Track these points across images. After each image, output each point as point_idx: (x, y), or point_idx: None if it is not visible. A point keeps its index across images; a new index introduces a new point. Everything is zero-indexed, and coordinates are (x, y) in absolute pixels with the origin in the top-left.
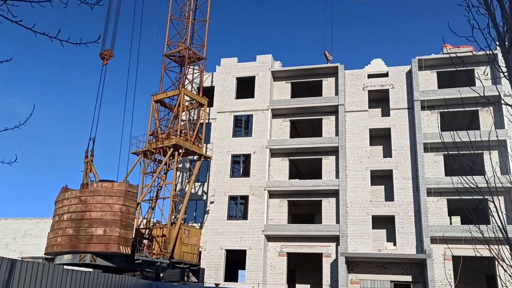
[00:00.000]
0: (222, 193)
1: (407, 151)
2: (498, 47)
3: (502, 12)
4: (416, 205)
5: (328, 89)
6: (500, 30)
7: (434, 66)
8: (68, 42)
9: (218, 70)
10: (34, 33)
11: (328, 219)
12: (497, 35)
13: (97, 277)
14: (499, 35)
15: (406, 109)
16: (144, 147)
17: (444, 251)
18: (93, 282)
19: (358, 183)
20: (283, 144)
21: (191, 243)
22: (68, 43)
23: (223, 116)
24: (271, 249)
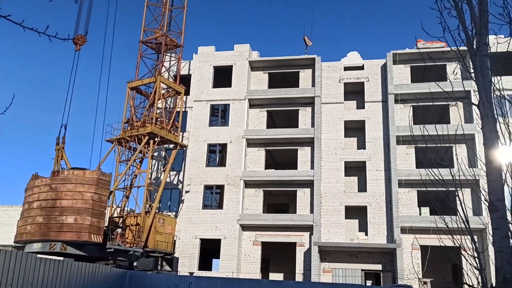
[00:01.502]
0: (198, 182)
1: (380, 143)
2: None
3: (471, 15)
4: (388, 196)
5: (305, 81)
6: (468, 33)
7: (408, 61)
8: (56, 37)
9: (195, 58)
10: (23, 28)
11: (303, 209)
12: (465, 38)
13: (71, 266)
14: (467, 38)
15: (380, 102)
16: (118, 135)
17: (413, 241)
18: (66, 271)
19: (332, 174)
20: (259, 134)
21: (165, 232)
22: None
23: (199, 105)
24: (245, 238)
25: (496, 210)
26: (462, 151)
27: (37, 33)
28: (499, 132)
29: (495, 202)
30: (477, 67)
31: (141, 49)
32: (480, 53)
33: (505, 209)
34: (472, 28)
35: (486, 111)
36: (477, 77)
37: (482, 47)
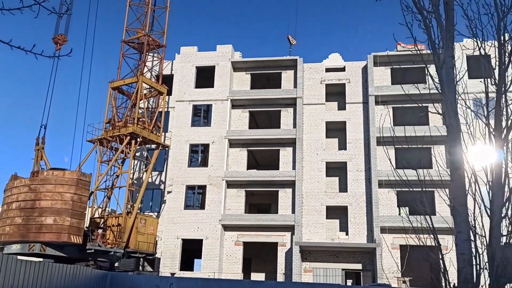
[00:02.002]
0: (180, 182)
1: (361, 144)
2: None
3: (439, 29)
4: (368, 196)
5: (287, 82)
6: (435, 47)
7: (388, 63)
8: (42, 55)
9: (177, 59)
10: (10, 47)
11: (284, 209)
12: (432, 51)
13: (51, 268)
14: (434, 51)
15: (361, 103)
16: (100, 135)
17: (393, 240)
18: (47, 273)
19: (313, 174)
20: (242, 135)
21: (147, 233)
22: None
23: (182, 105)
24: (227, 239)
25: (459, 214)
26: (441, 152)
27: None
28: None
29: (458, 207)
30: (442, 80)
31: (123, 49)
32: (446, 66)
33: (467, 213)
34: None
35: (451, 121)
36: (442, 88)
37: (448, 60)
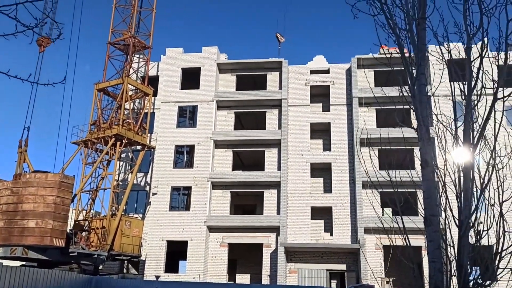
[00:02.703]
0: (165, 183)
1: (345, 145)
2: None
3: (412, 47)
4: (352, 197)
5: (272, 83)
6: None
7: (372, 65)
8: (37, 83)
9: (163, 60)
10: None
11: (269, 210)
12: (405, 68)
13: (37, 273)
14: (407, 69)
15: (345, 105)
16: (85, 137)
17: (376, 240)
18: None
19: (298, 175)
20: (227, 136)
21: (132, 235)
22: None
23: (167, 106)
24: (212, 240)
25: (431, 224)
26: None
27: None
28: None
29: (430, 217)
30: (415, 96)
31: (109, 50)
32: (419, 82)
33: (438, 223)
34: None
35: (423, 135)
36: (415, 104)
37: (421, 77)
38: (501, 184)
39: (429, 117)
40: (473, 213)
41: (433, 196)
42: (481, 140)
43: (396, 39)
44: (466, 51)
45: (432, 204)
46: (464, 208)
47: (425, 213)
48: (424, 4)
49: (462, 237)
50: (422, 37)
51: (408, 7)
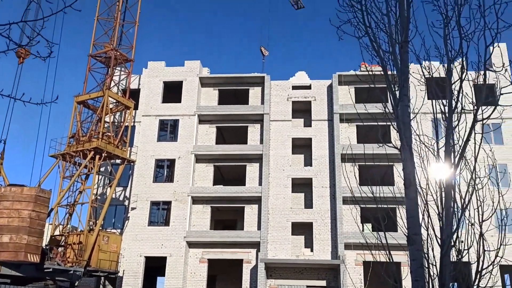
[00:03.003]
0: (144, 198)
1: (326, 160)
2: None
3: (396, 69)
4: (333, 212)
5: (254, 98)
6: (391, 87)
7: (352, 82)
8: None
9: (144, 73)
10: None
11: (250, 225)
12: (388, 90)
13: None
14: (390, 90)
15: (326, 120)
16: (63, 150)
17: (356, 256)
18: None
19: (280, 190)
20: (208, 150)
21: (110, 250)
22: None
23: (148, 120)
24: (192, 256)
25: (414, 243)
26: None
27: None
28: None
29: (412, 236)
30: (398, 117)
31: (90, 63)
32: (402, 103)
33: (420, 242)
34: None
35: (406, 155)
36: (398, 125)
37: (404, 98)
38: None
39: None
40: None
41: (416, 215)
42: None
43: (380, 61)
44: (447, 74)
45: (415, 223)
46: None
47: (408, 232)
48: (407, 28)
49: (444, 256)
50: (405, 60)
51: (391, 31)
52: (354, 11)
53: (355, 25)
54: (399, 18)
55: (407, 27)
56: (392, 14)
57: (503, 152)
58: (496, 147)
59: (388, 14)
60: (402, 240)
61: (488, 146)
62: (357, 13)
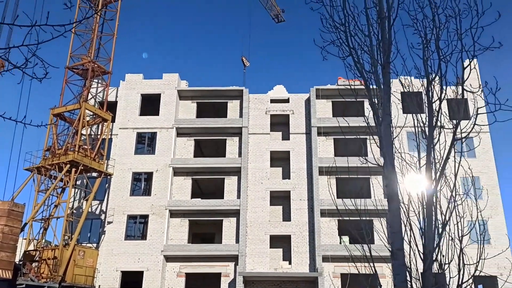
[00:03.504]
0: (121, 212)
1: (304, 173)
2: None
3: (378, 89)
4: (311, 225)
5: (232, 111)
6: (375, 107)
7: (330, 96)
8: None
9: (122, 86)
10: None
11: (228, 238)
12: (372, 110)
13: None
14: (373, 110)
15: (304, 134)
16: (38, 163)
17: (334, 269)
18: None
19: (258, 203)
20: (186, 163)
21: (86, 265)
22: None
23: (125, 132)
24: (169, 270)
25: (397, 258)
26: (379, 182)
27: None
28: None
29: (396, 251)
30: (381, 136)
31: (66, 75)
32: (384, 122)
33: (403, 257)
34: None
35: (389, 173)
36: (381, 143)
37: (386, 117)
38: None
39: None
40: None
41: (399, 231)
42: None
43: (363, 81)
44: (427, 93)
45: (398, 238)
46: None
47: (392, 247)
48: (389, 50)
49: (426, 270)
50: (387, 80)
51: (373, 52)
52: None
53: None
54: (381, 40)
55: (389, 49)
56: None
57: (475, 165)
58: (469, 160)
59: (370, 35)
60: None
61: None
62: (340, 34)
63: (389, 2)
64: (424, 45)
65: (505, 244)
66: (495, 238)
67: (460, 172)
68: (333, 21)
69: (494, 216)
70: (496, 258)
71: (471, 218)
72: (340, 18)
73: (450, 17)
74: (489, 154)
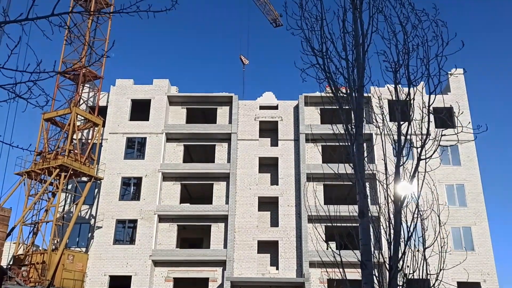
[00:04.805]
0: (110, 216)
1: (292, 179)
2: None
3: (352, 110)
4: (298, 231)
5: (222, 117)
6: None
7: (318, 103)
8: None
9: (112, 91)
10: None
11: (216, 243)
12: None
13: None
14: (347, 131)
15: (292, 140)
16: (29, 168)
17: (321, 274)
18: None
19: (246, 208)
20: (175, 168)
21: (75, 269)
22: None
23: (115, 137)
24: (157, 274)
25: (366, 268)
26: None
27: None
28: None
29: (365, 262)
30: (354, 154)
31: (58, 79)
32: (357, 142)
33: (372, 267)
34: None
35: (360, 190)
36: (354, 162)
37: (359, 137)
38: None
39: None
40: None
41: (369, 244)
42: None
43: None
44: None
45: (368, 251)
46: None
47: (362, 258)
48: (362, 75)
49: (392, 279)
50: (360, 102)
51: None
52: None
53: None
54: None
55: (363, 74)
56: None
57: (460, 173)
58: (454, 168)
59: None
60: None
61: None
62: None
63: (364, 30)
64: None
65: (489, 250)
66: (479, 245)
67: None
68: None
69: (478, 223)
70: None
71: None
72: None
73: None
74: (473, 162)
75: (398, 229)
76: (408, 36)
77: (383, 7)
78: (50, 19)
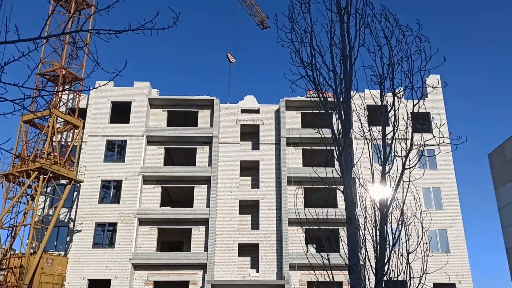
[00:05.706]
0: (89, 219)
1: (272, 183)
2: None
3: (340, 121)
4: (279, 234)
5: (203, 120)
6: (336, 137)
7: (299, 107)
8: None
9: (92, 93)
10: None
11: (197, 247)
12: (334, 141)
13: None
14: (335, 141)
15: (273, 144)
16: (7, 170)
17: (300, 277)
18: None
19: (227, 212)
20: (156, 172)
21: (54, 273)
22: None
23: (94, 140)
24: (137, 278)
25: (353, 272)
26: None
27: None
28: None
29: (353, 266)
30: (342, 165)
31: (37, 81)
32: (345, 151)
33: (359, 271)
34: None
35: (347, 197)
36: (341, 169)
37: (346, 147)
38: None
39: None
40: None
41: (356, 249)
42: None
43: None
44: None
45: (355, 255)
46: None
47: (349, 263)
48: (350, 87)
49: (378, 283)
50: (348, 113)
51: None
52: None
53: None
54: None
55: (350, 87)
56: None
57: (437, 177)
58: (431, 172)
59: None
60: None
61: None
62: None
63: (351, 44)
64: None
65: (464, 252)
66: (454, 247)
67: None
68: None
69: (453, 225)
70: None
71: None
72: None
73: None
74: (449, 166)
75: (384, 234)
76: (392, 49)
77: (369, 22)
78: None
